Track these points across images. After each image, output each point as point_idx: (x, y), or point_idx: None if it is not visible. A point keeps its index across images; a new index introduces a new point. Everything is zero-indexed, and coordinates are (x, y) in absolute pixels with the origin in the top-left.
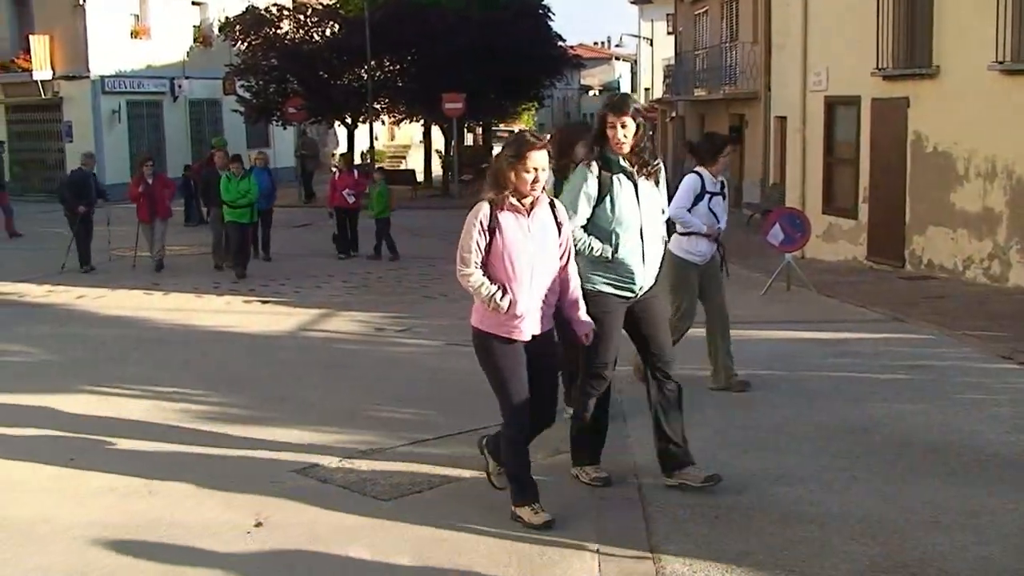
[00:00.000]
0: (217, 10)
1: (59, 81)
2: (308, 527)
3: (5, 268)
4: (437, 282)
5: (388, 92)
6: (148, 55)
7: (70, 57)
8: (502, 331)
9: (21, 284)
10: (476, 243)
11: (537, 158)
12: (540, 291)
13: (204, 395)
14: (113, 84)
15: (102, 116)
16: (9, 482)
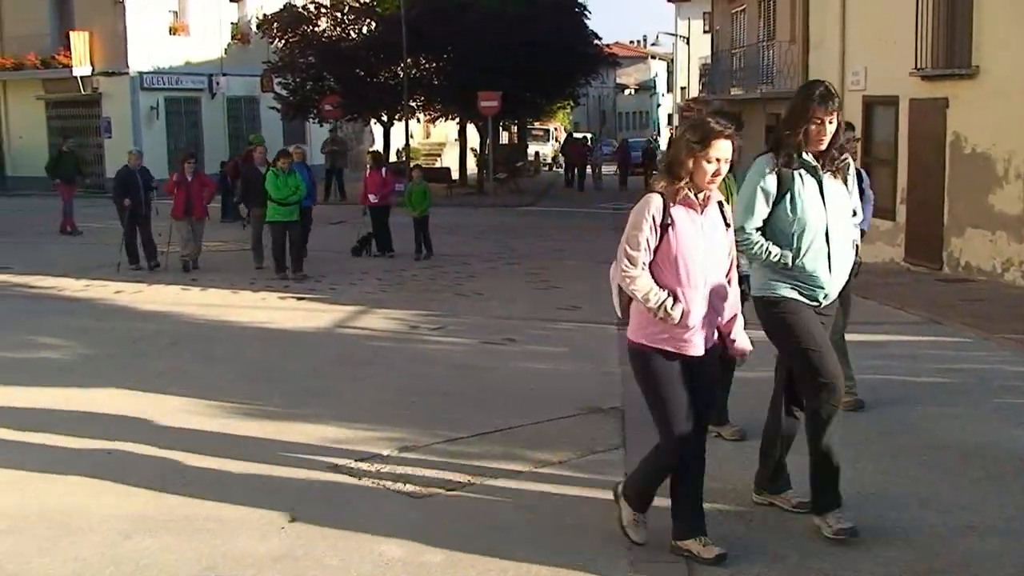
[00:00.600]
0: (255, 7)
1: (98, 77)
2: (341, 523)
3: (45, 262)
4: (471, 280)
5: (424, 90)
6: (186, 52)
7: (109, 53)
8: (669, 345)
9: (61, 278)
10: (647, 240)
11: (722, 147)
12: (712, 299)
13: (240, 390)
14: (152, 81)
15: (140, 112)
16: (48, 475)
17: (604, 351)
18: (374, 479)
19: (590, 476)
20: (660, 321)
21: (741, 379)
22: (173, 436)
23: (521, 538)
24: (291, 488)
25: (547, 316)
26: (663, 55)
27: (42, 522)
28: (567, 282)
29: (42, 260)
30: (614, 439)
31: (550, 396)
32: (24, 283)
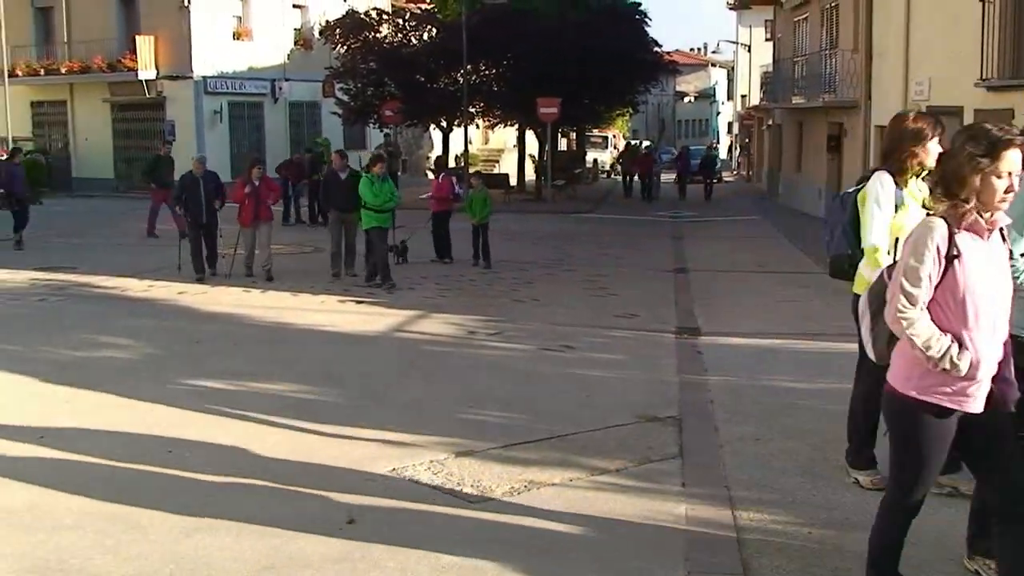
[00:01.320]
0: (318, 13)
1: (163, 81)
2: (399, 526)
3: (110, 263)
4: (529, 286)
5: (483, 96)
6: (250, 57)
7: (174, 58)
8: (949, 400)
9: (124, 279)
10: (928, 276)
11: (1014, 159)
12: (1000, 343)
13: (301, 392)
14: (215, 85)
15: (204, 116)
16: (111, 473)
17: (661, 360)
18: (431, 483)
19: (646, 485)
20: (940, 372)
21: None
22: (234, 437)
23: (576, 546)
24: (349, 491)
25: (605, 323)
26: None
27: (104, 518)
28: (625, 289)
29: (107, 261)
30: (671, 448)
31: (607, 404)
32: (89, 283)
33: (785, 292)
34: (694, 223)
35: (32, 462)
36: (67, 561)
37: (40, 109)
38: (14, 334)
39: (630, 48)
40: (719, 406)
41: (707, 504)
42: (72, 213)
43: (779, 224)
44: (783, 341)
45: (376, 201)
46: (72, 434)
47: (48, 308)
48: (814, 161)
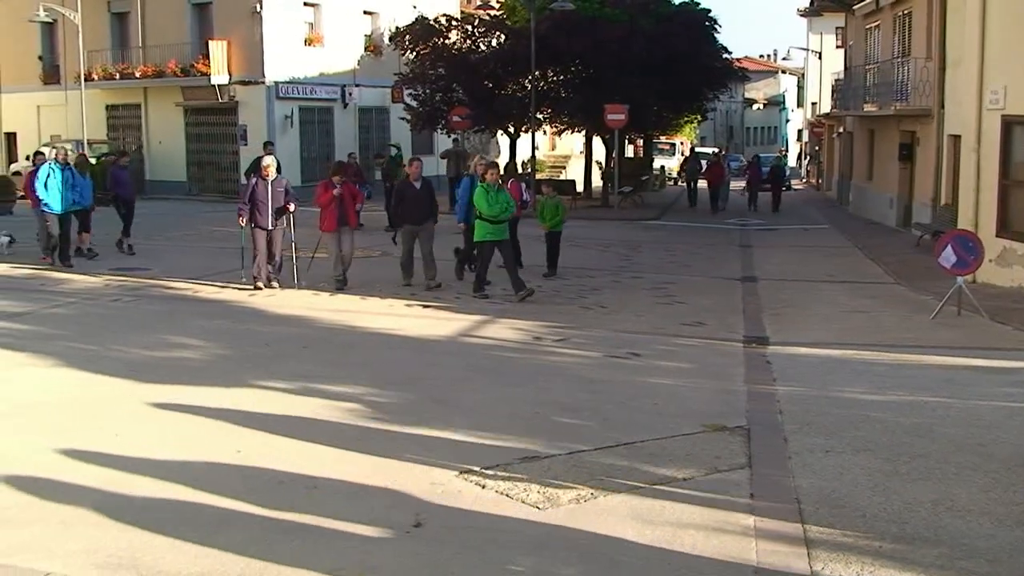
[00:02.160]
0: (388, 20)
1: (235, 86)
2: (466, 530)
3: (183, 264)
4: (595, 293)
5: (551, 102)
6: (321, 62)
7: (246, 63)
8: None
9: (197, 281)
10: None
11: None
12: None
13: (369, 394)
14: (287, 90)
15: (275, 121)
16: (184, 471)
17: (729, 369)
18: (498, 488)
19: (714, 495)
20: None
21: None
22: (302, 438)
23: (642, 554)
24: (417, 493)
25: (672, 331)
26: (793, 70)
27: (175, 517)
28: (692, 297)
29: (179, 262)
30: (739, 459)
31: (674, 412)
32: (162, 285)
33: (854, 302)
34: (762, 231)
35: (105, 460)
36: (139, 558)
37: (115, 112)
38: (89, 334)
39: (699, 54)
40: (788, 417)
41: (776, 516)
42: (145, 215)
43: (849, 233)
44: (853, 352)
45: (492, 212)
46: (144, 433)
47: (122, 309)
48: (886, 170)
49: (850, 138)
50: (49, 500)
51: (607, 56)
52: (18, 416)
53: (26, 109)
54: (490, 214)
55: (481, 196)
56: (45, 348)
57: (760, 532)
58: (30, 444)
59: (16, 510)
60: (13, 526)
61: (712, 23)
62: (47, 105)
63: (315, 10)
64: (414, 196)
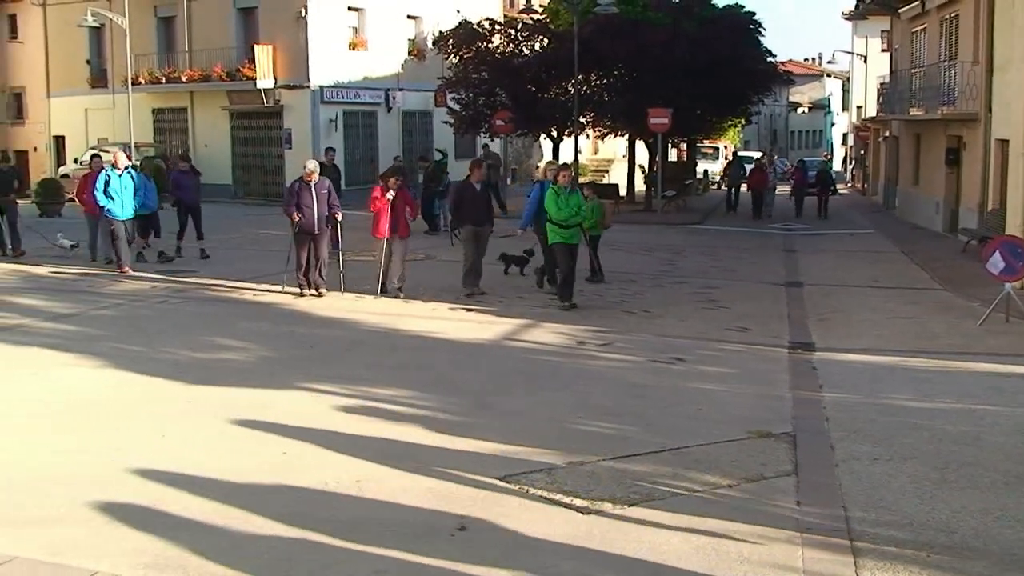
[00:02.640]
0: (432, 24)
1: (280, 90)
2: (510, 535)
3: (229, 267)
4: (638, 297)
5: (594, 106)
6: (365, 67)
7: (291, 67)
8: None
9: (243, 283)
10: None
11: None
12: None
13: (412, 397)
14: (331, 94)
15: (320, 125)
16: (230, 472)
17: (774, 375)
18: (542, 492)
19: (759, 502)
20: None
21: None
22: (346, 440)
23: (687, 560)
24: (461, 497)
25: (716, 336)
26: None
27: (223, 518)
28: (736, 302)
29: (225, 265)
30: (785, 466)
31: (719, 418)
32: (208, 287)
33: (901, 308)
34: (807, 236)
35: (153, 459)
36: (186, 558)
37: (161, 116)
38: (136, 335)
39: (743, 57)
40: (834, 423)
41: (822, 524)
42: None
43: (895, 238)
44: (899, 358)
45: (561, 215)
46: (190, 434)
47: (169, 310)
48: (932, 174)
49: (896, 142)
50: (98, 499)
51: (650, 60)
52: (67, 415)
53: (74, 112)
54: (559, 218)
55: (551, 199)
56: (93, 349)
57: (806, 540)
58: (79, 443)
59: (66, 509)
60: (63, 524)
61: (756, 26)
62: (95, 109)
63: (359, 15)
64: (473, 197)
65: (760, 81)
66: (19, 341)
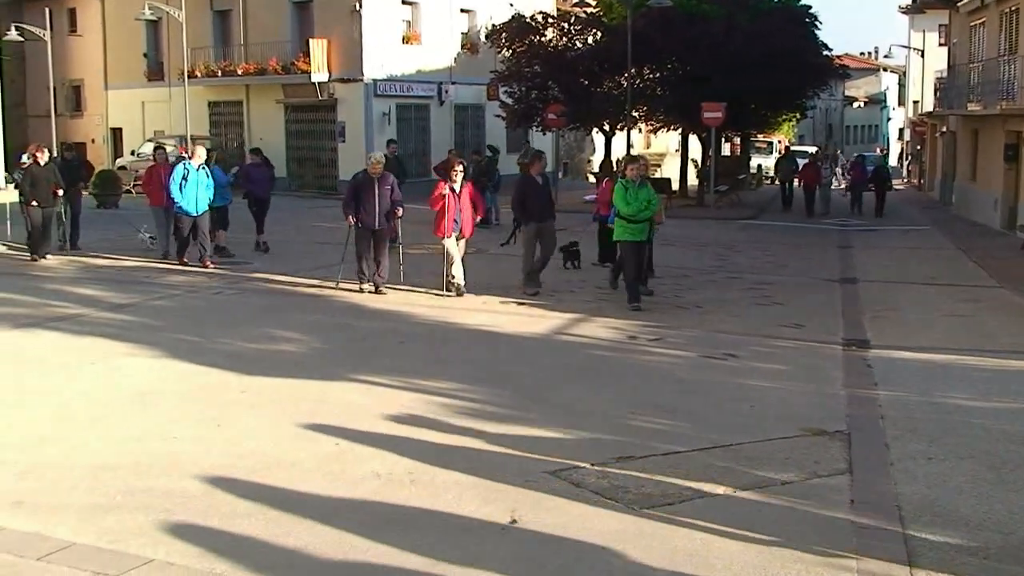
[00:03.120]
0: (485, 17)
1: (334, 83)
2: (561, 529)
3: (283, 259)
4: (690, 292)
5: (647, 100)
6: (418, 60)
7: (345, 61)
8: None
9: (298, 276)
10: None
11: None
12: None
13: (464, 390)
14: (384, 88)
15: (373, 118)
16: (283, 462)
17: (829, 372)
18: (592, 487)
19: (813, 500)
20: None
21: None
22: (398, 433)
23: (740, 560)
24: (512, 490)
25: (769, 332)
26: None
27: (277, 507)
28: (790, 298)
29: (279, 258)
30: (839, 464)
31: (772, 415)
32: (262, 278)
33: (957, 306)
34: (862, 232)
35: (208, 449)
36: (240, 547)
37: (217, 109)
38: (193, 326)
39: (799, 51)
40: (889, 422)
41: (877, 523)
42: (244, 210)
43: (951, 235)
44: (956, 357)
45: (629, 210)
46: (245, 423)
47: (224, 302)
48: (990, 170)
49: (953, 138)
50: (154, 487)
51: (704, 53)
52: (124, 404)
53: (131, 105)
54: (628, 212)
55: (619, 193)
56: (149, 338)
57: (861, 540)
58: (136, 431)
59: (122, 496)
60: (121, 512)
61: (812, 19)
62: (151, 101)
63: (413, 8)
64: (538, 191)
65: (815, 75)
66: (77, 330)
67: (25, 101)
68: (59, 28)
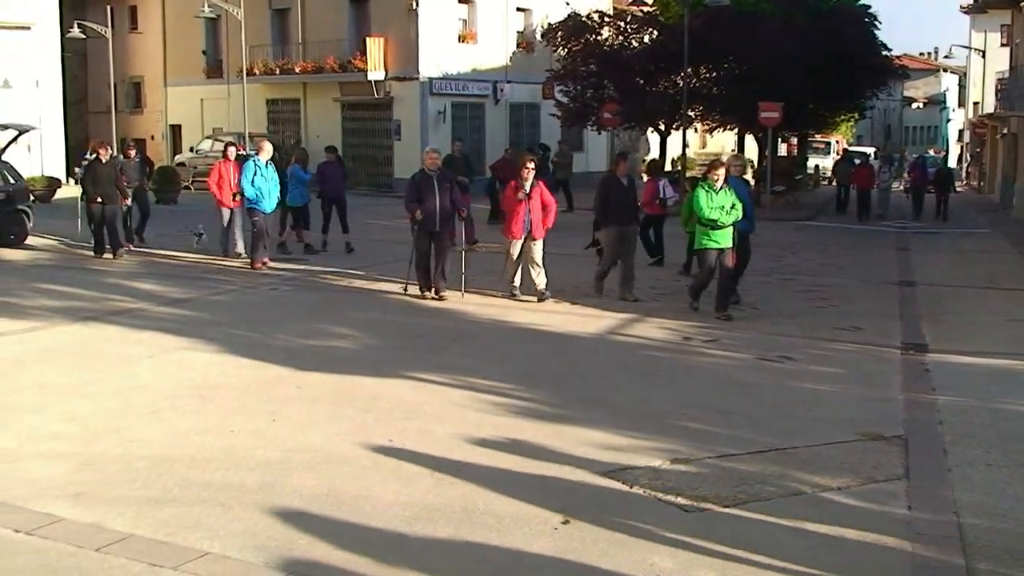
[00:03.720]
0: (541, 16)
1: (391, 82)
2: (612, 529)
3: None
4: (746, 293)
5: (702, 99)
6: (473, 59)
7: (402, 59)
8: None
9: (352, 272)
10: None
11: None
12: None
13: (517, 389)
14: (440, 86)
15: (428, 117)
16: (338, 458)
17: (886, 376)
18: (646, 488)
19: (870, 506)
20: None
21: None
22: (451, 429)
23: (795, 565)
24: (564, 490)
25: (825, 335)
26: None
27: (332, 502)
28: (847, 301)
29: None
30: (896, 469)
31: (828, 419)
32: (318, 275)
33: (1018, 311)
34: (920, 235)
35: (264, 442)
36: (295, 542)
37: (275, 107)
38: (250, 321)
39: (858, 51)
40: (948, 427)
41: (934, 530)
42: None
43: (1012, 238)
44: (1016, 362)
45: (712, 215)
46: (300, 418)
47: (280, 298)
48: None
49: (1014, 139)
50: (211, 480)
51: (761, 53)
52: (182, 398)
53: (190, 102)
54: (710, 218)
55: (700, 196)
56: (207, 333)
57: (917, 546)
58: (193, 425)
59: (179, 489)
60: (178, 504)
61: (871, 19)
62: (210, 98)
63: (469, 7)
64: (622, 193)
65: (875, 75)
66: (137, 324)
67: (86, 97)
68: (120, 25)
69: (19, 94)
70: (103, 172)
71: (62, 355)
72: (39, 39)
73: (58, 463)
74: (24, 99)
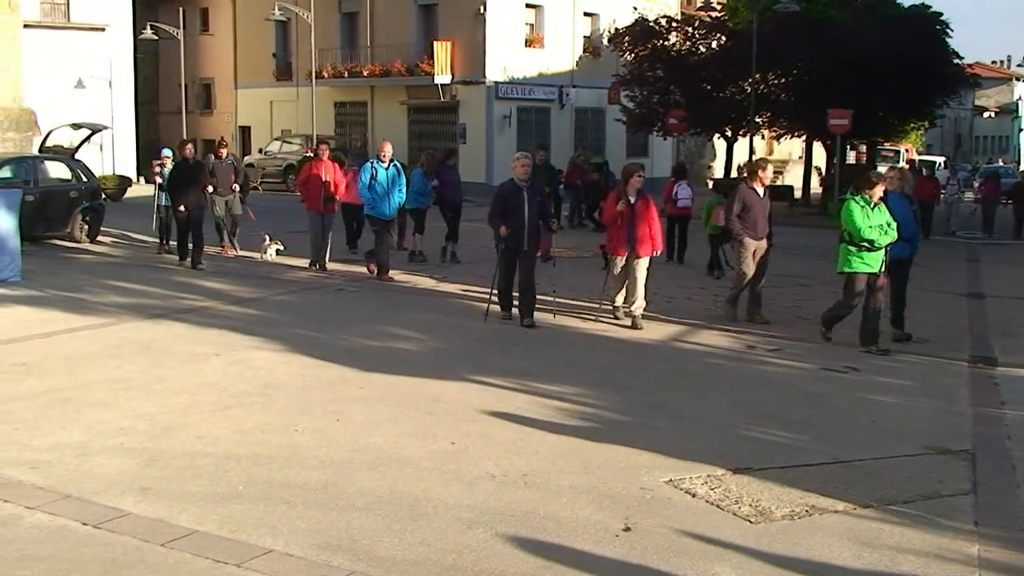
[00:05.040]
0: (607, 21)
1: (457, 86)
2: (674, 538)
3: (401, 258)
4: (810, 303)
5: (770, 106)
6: (540, 63)
7: (468, 63)
8: None
9: (415, 275)
10: None
11: None
12: None
13: (579, 394)
14: (506, 90)
15: (494, 121)
16: (400, 459)
17: (954, 389)
18: (708, 498)
19: (936, 521)
20: None
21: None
22: (514, 434)
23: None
24: (626, 497)
25: (893, 347)
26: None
27: (394, 503)
28: (914, 312)
29: (398, 256)
30: (963, 484)
31: (893, 431)
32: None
33: None
34: (990, 245)
35: (328, 442)
36: (357, 541)
37: (342, 109)
38: (314, 321)
39: (928, 59)
40: (1017, 442)
41: (1002, 546)
42: None
43: None
44: None
45: (865, 235)
46: (364, 418)
47: (344, 298)
48: None
49: None
50: (275, 478)
51: (831, 59)
52: (248, 396)
53: (259, 104)
54: (864, 239)
55: (853, 212)
56: (272, 332)
57: (984, 562)
58: (258, 423)
59: (244, 487)
60: (242, 502)
61: (943, 27)
62: (279, 101)
63: (536, 11)
64: (758, 204)
65: (946, 83)
66: (204, 322)
67: (158, 98)
68: (192, 27)
69: (92, 94)
70: (189, 175)
71: (131, 351)
72: (113, 40)
73: (126, 458)
74: (97, 99)
